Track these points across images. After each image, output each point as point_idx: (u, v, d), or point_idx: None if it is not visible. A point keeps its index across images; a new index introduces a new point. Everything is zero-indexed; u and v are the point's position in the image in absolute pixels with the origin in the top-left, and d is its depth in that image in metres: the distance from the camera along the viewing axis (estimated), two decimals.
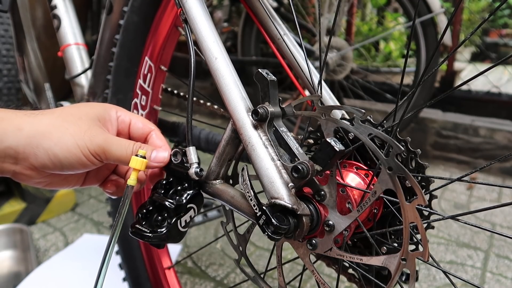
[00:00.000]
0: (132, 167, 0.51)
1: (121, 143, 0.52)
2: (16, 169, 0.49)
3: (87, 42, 0.97)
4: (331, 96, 0.68)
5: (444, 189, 1.99)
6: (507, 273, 1.36)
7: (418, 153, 0.51)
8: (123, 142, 0.53)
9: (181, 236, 0.55)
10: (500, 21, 4.69)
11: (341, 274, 0.60)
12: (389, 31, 3.20)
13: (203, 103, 0.86)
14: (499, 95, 2.47)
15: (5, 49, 1.33)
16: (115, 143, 0.52)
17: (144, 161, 0.52)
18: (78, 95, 0.96)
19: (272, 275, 1.33)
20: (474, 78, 0.46)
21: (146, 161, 0.52)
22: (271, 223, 0.45)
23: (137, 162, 0.51)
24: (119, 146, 0.52)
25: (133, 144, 0.53)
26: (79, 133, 0.49)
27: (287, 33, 0.72)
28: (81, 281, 1.25)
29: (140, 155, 0.52)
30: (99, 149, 0.50)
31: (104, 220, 1.67)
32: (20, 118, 0.48)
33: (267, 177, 0.48)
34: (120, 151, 0.52)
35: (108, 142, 0.51)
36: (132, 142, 0.53)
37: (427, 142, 2.42)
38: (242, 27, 2.62)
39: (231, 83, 0.53)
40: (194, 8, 0.57)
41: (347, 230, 0.48)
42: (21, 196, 1.61)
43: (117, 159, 0.52)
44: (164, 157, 0.55)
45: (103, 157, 0.51)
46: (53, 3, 0.94)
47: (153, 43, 0.79)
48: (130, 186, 0.52)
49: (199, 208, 0.57)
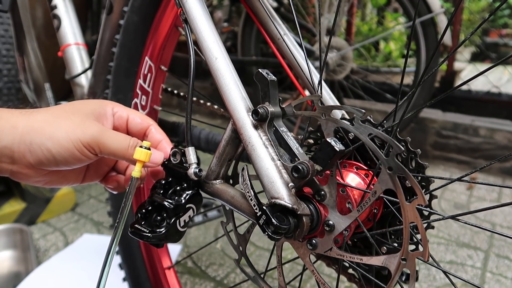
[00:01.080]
0: (136, 159, 0.51)
1: (117, 137, 0.51)
2: (13, 168, 0.49)
3: (87, 42, 0.97)
4: (331, 96, 0.68)
5: (444, 189, 1.99)
6: (507, 273, 1.36)
7: (418, 153, 0.51)
8: (119, 135, 0.52)
9: (180, 235, 0.55)
10: (500, 21, 4.69)
11: (341, 274, 0.60)
12: (389, 31, 3.20)
13: (203, 103, 0.86)
14: (499, 95, 2.47)
15: (5, 49, 1.32)
16: (111, 136, 0.51)
17: (149, 153, 0.51)
18: (78, 95, 0.96)
19: (272, 275, 1.33)
20: (474, 78, 0.46)
21: (150, 152, 0.51)
22: (271, 223, 0.45)
23: (141, 154, 0.51)
24: (115, 139, 0.51)
25: (129, 138, 0.52)
26: (71, 127, 0.49)
27: (287, 33, 0.72)
28: (81, 281, 1.25)
29: (144, 146, 0.51)
30: (92, 141, 0.49)
31: (104, 220, 1.67)
32: (16, 116, 0.48)
33: (267, 177, 0.48)
34: (115, 145, 0.51)
35: (102, 134, 0.50)
36: (129, 137, 0.53)
37: (427, 142, 2.42)
38: (242, 27, 2.62)
39: (231, 83, 0.53)
40: (194, 8, 0.57)
41: (347, 230, 0.48)
42: (21, 196, 1.61)
43: (112, 152, 0.51)
44: (159, 158, 0.54)
45: (97, 149, 0.50)
46: (53, 3, 0.94)
47: (153, 43, 0.79)
48: (134, 178, 0.51)
49: (198, 208, 0.57)
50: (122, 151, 0.51)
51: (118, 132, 0.53)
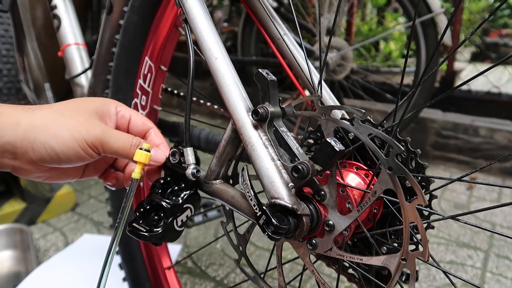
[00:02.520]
0: (136, 160, 0.51)
1: (120, 136, 0.52)
2: (15, 164, 0.49)
3: (87, 42, 0.97)
4: (331, 96, 0.68)
5: (444, 189, 1.99)
6: (507, 273, 1.36)
7: (418, 153, 0.51)
8: (122, 135, 0.52)
9: (178, 235, 0.56)
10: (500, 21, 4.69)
11: (341, 274, 0.60)
12: (389, 31, 3.20)
13: (203, 103, 0.86)
14: (499, 95, 2.47)
15: (5, 49, 1.32)
16: (114, 135, 0.51)
17: (149, 155, 0.51)
18: (78, 95, 0.96)
19: (272, 275, 1.33)
20: (474, 78, 0.46)
21: (150, 154, 0.52)
22: (271, 223, 0.45)
23: (141, 156, 0.51)
24: (118, 139, 0.51)
25: (132, 137, 0.53)
26: (76, 126, 0.49)
27: (287, 33, 0.72)
28: (81, 281, 1.25)
29: (144, 148, 0.51)
30: (96, 141, 0.50)
31: (104, 220, 1.67)
32: (18, 113, 0.48)
33: (267, 177, 0.48)
34: (118, 144, 0.51)
35: (106, 134, 0.50)
36: (132, 136, 0.53)
37: (427, 142, 2.42)
38: (242, 27, 2.62)
39: (231, 83, 0.53)
40: (194, 8, 0.57)
41: (347, 230, 0.48)
42: (21, 196, 1.61)
43: (115, 151, 0.51)
44: (161, 157, 0.55)
45: (101, 149, 0.50)
46: (53, 3, 0.94)
47: (153, 43, 0.79)
48: (134, 180, 0.52)
49: (196, 208, 0.57)
50: (125, 150, 0.51)
51: (121, 132, 0.53)
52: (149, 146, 0.52)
